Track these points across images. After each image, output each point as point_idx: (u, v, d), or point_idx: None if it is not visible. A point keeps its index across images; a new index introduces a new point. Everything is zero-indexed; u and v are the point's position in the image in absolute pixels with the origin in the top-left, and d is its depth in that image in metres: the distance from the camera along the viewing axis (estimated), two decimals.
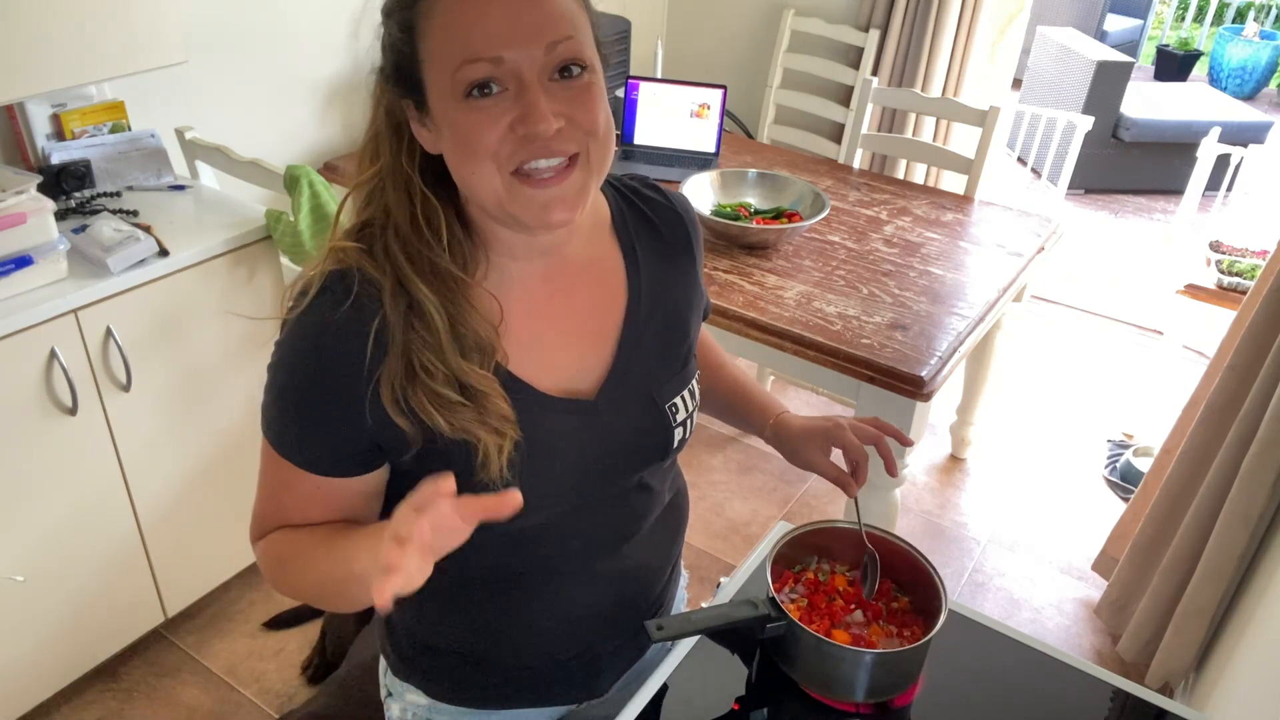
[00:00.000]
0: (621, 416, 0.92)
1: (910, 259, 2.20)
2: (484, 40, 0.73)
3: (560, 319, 0.89)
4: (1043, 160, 4.54)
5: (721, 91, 2.61)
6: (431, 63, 0.76)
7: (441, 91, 0.76)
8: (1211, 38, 6.87)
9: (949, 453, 2.93)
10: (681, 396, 0.96)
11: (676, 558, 1.12)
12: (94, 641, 2.00)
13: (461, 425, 0.79)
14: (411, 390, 0.79)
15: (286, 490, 0.87)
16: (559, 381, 0.88)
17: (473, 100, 0.75)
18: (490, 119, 0.75)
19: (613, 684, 1.08)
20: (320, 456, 0.84)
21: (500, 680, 1.00)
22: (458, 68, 0.74)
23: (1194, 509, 1.94)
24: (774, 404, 1.14)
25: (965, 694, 1.06)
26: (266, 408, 0.85)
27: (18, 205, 1.66)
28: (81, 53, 1.74)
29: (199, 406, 1.99)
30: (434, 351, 0.79)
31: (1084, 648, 2.29)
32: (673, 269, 0.98)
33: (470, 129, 0.75)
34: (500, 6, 0.73)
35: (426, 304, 0.79)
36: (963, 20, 3.21)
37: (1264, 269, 1.95)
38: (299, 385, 0.82)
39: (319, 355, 0.80)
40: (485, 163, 0.76)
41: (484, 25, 0.73)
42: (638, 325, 0.93)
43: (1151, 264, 4.18)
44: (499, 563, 0.92)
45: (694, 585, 2.39)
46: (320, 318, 0.80)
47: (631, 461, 0.94)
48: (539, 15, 0.74)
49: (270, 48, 2.46)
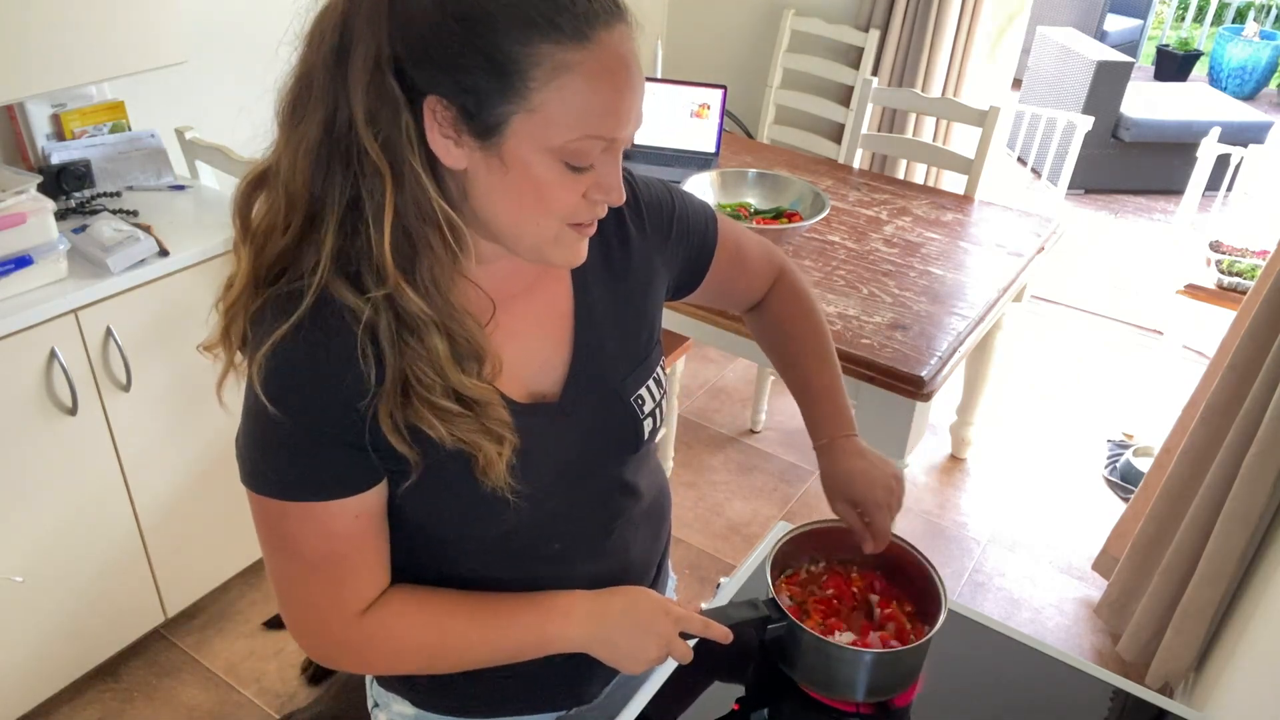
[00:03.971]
0: (588, 415, 0.91)
1: (910, 259, 2.20)
2: (617, 120, 0.73)
3: (518, 319, 0.87)
4: (1043, 160, 4.54)
5: (721, 91, 2.60)
6: (537, 117, 0.71)
7: (536, 145, 0.72)
8: (1211, 38, 6.87)
9: (949, 453, 2.93)
10: (647, 387, 0.95)
11: (662, 558, 1.11)
12: (94, 641, 2.00)
13: (461, 434, 0.78)
14: (408, 406, 0.76)
15: (332, 540, 0.81)
16: (524, 385, 0.87)
17: (570, 166, 0.74)
18: (579, 185, 0.75)
19: (601, 690, 1.07)
20: (344, 474, 0.79)
21: (486, 687, 0.99)
22: (578, 137, 0.72)
23: (1194, 509, 1.94)
24: (834, 421, 1.10)
25: (965, 694, 1.06)
26: (265, 460, 0.79)
27: (18, 205, 1.66)
28: (81, 53, 1.74)
29: (199, 406, 1.99)
30: (430, 365, 0.76)
31: (1084, 648, 2.29)
32: (625, 252, 0.94)
33: (558, 190, 0.75)
34: (632, 87, 0.73)
35: (423, 321, 0.75)
36: (963, 20, 3.21)
37: (1264, 269, 1.95)
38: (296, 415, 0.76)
39: (310, 384, 0.75)
40: (552, 219, 0.77)
41: (619, 104, 0.73)
42: (590, 319, 0.91)
43: (1151, 264, 4.18)
44: (481, 567, 0.91)
45: (694, 585, 2.39)
46: (303, 345, 0.74)
47: (604, 459, 0.94)
48: (640, 98, 0.75)
49: (270, 48, 2.45)
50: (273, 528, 0.82)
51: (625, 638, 0.90)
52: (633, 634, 0.90)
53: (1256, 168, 3.65)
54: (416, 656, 0.89)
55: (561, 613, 0.89)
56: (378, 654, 0.87)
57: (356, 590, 0.84)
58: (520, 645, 0.89)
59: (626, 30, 0.74)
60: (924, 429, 1.95)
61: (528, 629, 0.89)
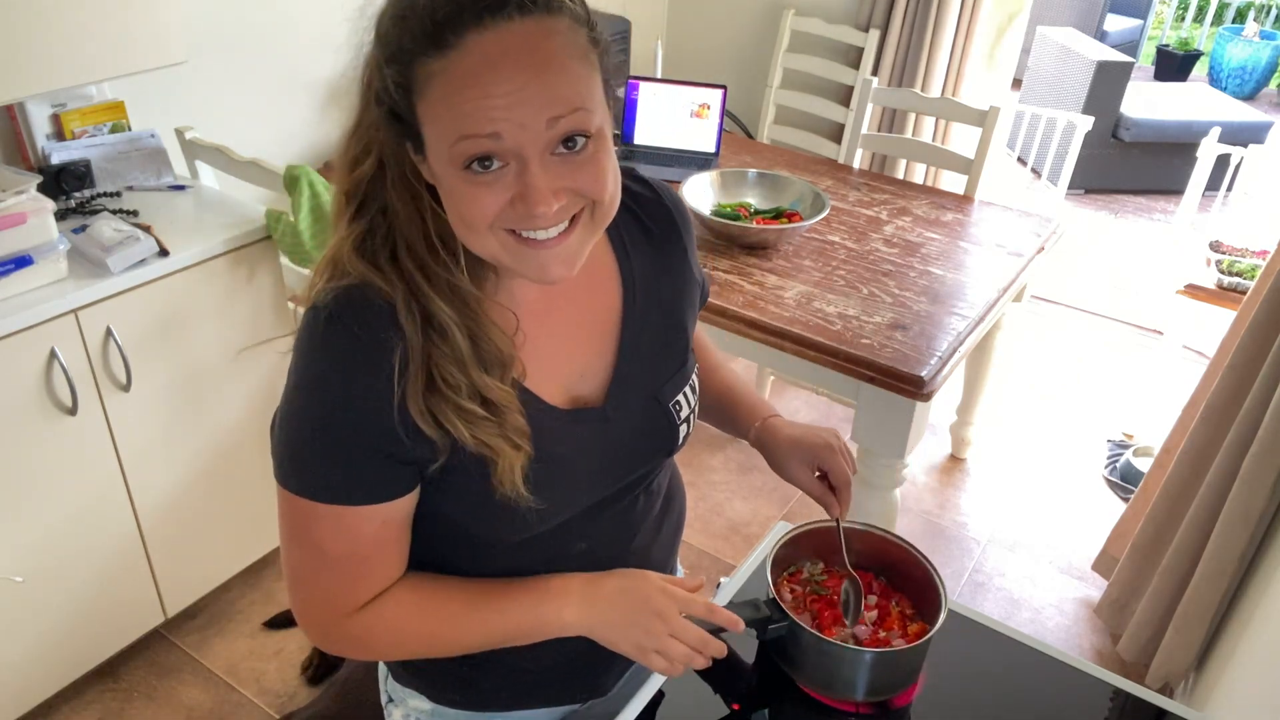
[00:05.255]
0: (629, 420, 0.92)
1: (910, 259, 2.20)
2: (483, 117, 0.69)
3: (561, 328, 0.89)
4: (1043, 160, 4.54)
5: (721, 91, 2.60)
6: (429, 126, 0.73)
7: (439, 156, 0.73)
8: (1211, 38, 6.87)
9: (949, 453, 2.93)
10: (684, 393, 0.96)
11: (676, 553, 1.12)
12: (94, 641, 2.00)
13: (483, 438, 0.79)
14: (434, 402, 0.78)
15: (357, 543, 0.83)
16: (565, 391, 0.89)
17: (472, 174, 0.72)
18: (490, 193, 0.73)
19: (617, 682, 1.08)
20: (378, 481, 0.81)
21: (505, 682, 1.00)
22: (455, 141, 0.71)
23: (1194, 509, 1.94)
24: (763, 407, 1.13)
25: (965, 694, 1.06)
26: (302, 462, 0.81)
27: (18, 205, 1.66)
28: (81, 53, 1.74)
29: (199, 406, 1.99)
30: (456, 365, 0.78)
31: (1084, 648, 2.29)
32: (664, 263, 0.97)
33: (468, 201, 0.73)
34: (501, 81, 0.69)
35: (446, 321, 0.78)
36: (962, 20, 3.21)
37: (1264, 269, 1.95)
38: (335, 421, 0.78)
39: (348, 387, 0.77)
40: (482, 231, 0.75)
41: (484, 100, 0.69)
42: (635, 326, 0.93)
43: (1151, 264, 4.18)
44: (507, 566, 0.92)
45: None
46: (339, 348, 0.78)
47: (638, 463, 0.95)
48: (541, 88, 0.70)
49: (270, 47, 2.46)
50: (299, 524, 0.83)
51: (623, 617, 0.89)
52: (630, 613, 0.89)
53: (1256, 168, 3.65)
54: (416, 642, 0.90)
55: (556, 594, 0.89)
56: (380, 641, 0.89)
57: (370, 588, 0.86)
58: (517, 627, 0.89)
59: (514, 24, 0.69)
60: (924, 429, 1.95)
61: (523, 612, 0.89)
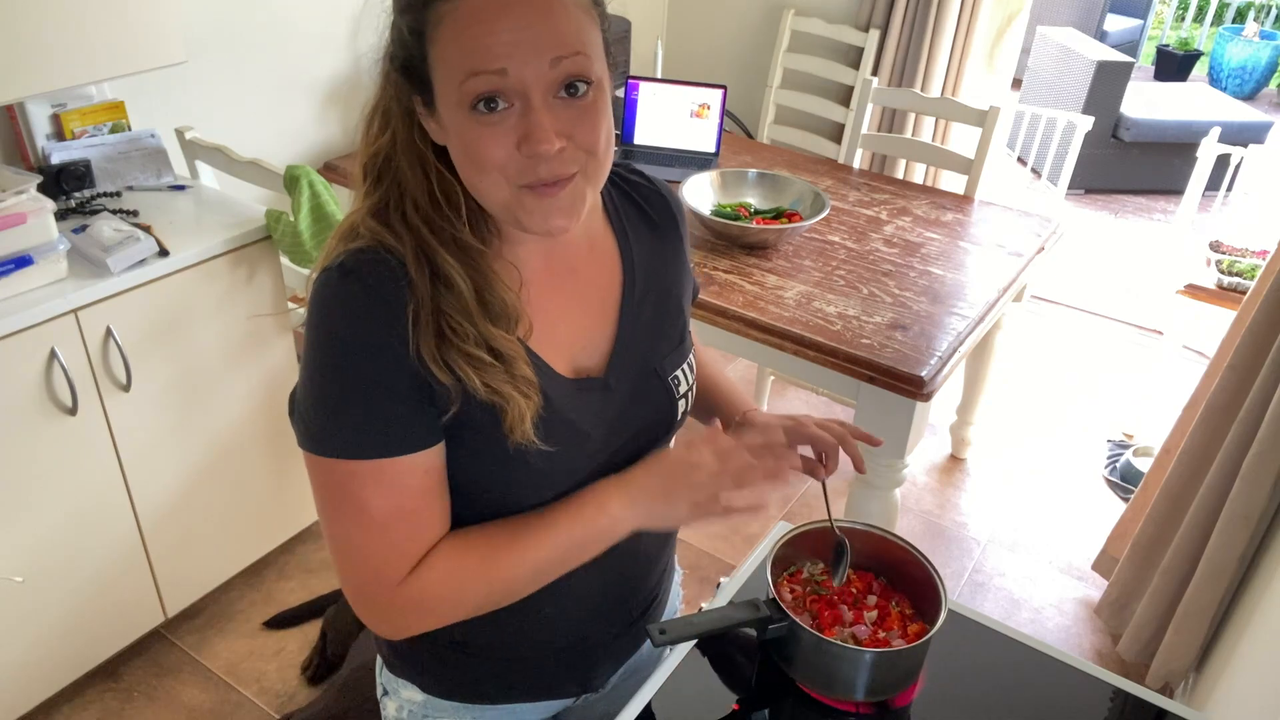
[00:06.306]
0: (629, 391, 0.93)
1: (910, 259, 2.20)
2: (490, 53, 0.73)
3: (564, 300, 0.91)
4: (1043, 160, 4.54)
5: (721, 91, 2.61)
6: (439, 69, 0.76)
7: (449, 100, 0.76)
8: (1211, 38, 6.87)
9: (949, 453, 2.93)
10: (682, 370, 0.98)
11: (671, 548, 1.12)
12: (94, 641, 2.00)
13: (494, 384, 0.80)
14: (445, 349, 0.79)
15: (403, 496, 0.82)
16: (570, 361, 0.90)
17: (479, 114, 0.75)
18: (497, 135, 0.76)
19: (609, 678, 1.08)
20: (411, 429, 0.81)
21: (496, 672, 1.01)
22: (464, 79, 0.74)
23: (1194, 509, 1.94)
24: (743, 400, 1.14)
25: (965, 694, 1.06)
26: (334, 421, 0.81)
27: (18, 205, 1.66)
28: (81, 53, 1.75)
29: (199, 406, 1.99)
30: (464, 315, 0.80)
31: (1084, 648, 2.29)
32: (662, 249, 1.00)
33: (478, 143, 0.76)
34: (508, 20, 0.73)
35: (452, 273, 0.80)
36: (962, 20, 3.21)
37: (1264, 269, 1.95)
38: (361, 373, 0.79)
39: (368, 337, 0.79)
40: (493, 174, 0.77)
41: (491, 38, 0.73)
42: (634, 302, 0.95)
43: (1151, 264, 4.18)
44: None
45: (694, 585, 2.38)
46: (355, 302, 0.79)
47: (641, 435, 0.96)
48: (546, 29, 0.74)
49: (270, 48, 2.46)
50: (339, 489, 0.82)
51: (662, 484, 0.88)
52: (668, 478, 0.88)
53: (1256, 168, 3.66)
54: (475, 587, 0.87)
55: (594, 496, 0.88)
56: (439, 599, 0.86)
57: (419, 547, 0.85)
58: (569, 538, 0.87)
59: None
60: (924, 429, 1.95)
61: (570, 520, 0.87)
